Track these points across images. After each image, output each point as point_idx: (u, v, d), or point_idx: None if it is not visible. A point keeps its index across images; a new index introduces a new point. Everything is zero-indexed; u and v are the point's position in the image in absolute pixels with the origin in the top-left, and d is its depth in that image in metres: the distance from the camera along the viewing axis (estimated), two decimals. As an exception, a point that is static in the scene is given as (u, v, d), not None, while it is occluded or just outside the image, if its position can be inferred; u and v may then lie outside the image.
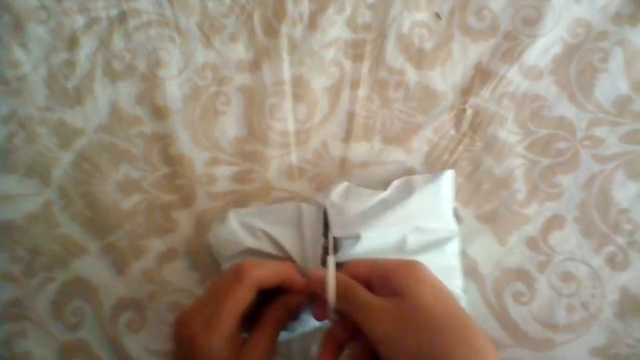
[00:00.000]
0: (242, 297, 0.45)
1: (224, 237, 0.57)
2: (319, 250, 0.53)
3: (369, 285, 0.44)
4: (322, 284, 0.45)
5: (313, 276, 0.47)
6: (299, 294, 0.50)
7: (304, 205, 0.57)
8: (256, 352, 0.46)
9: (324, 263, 0.52)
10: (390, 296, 0.42)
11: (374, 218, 0.54)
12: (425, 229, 0.53)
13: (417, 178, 0.57)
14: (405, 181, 0.57)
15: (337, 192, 0.57)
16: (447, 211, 0.56)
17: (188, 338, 0.44)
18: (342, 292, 0.44)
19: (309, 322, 0.53)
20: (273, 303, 0.49)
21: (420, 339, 0.39)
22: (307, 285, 0.49)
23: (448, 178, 0.57)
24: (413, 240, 0.53)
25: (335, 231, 0.54)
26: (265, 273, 0.47)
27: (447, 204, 0.56)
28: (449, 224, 0.55)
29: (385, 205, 0.55)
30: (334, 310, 0.45)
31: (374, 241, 0.52)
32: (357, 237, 0.52)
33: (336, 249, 0.54)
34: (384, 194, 0.56)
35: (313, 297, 0.51)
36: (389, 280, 0.43)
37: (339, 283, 0.45)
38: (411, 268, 0.43)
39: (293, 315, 0.52)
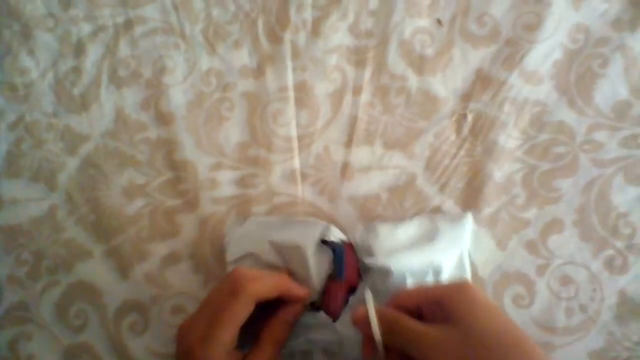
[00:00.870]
0: (239, 312, 0.45)
1: (237, 239, 0.58)
2: (323, 273, 0.53)
3: (419, 313, 0.44)
4: (365, 322, 0.44)
5: (355, 315, 0.45)
6: (299, 303, 0.49)
7: (309, 223, 0.57)
8: None
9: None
10: (443, 322, 0.41)
11: (401, 255, 0.54)
12: (443, 271, 0.54)
13: (441, 220, 0.58)
14: (428, 220, 0.58)
15: (360, 235, 0.57)
16: (465, 258, 0.56)
17: (186, 351, 0.44)
18: (388, 327, 0.43)
19: (309, 336, 0.54)
20: (272, 318, 0.49)
21: None
22: (306, 294, 0.49)
23: (468, 223, 0.58)
24: (430, 280, 0.54)
25: (365, 261, 0.55)
26: (263, 287, 0.46)
27: (465, 251, 0.57)
28: (463, 272, 0.56)
29: (411, 242, 0.55)
30: (382, 347, 0.44)
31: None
32: (387, 272, 0.53)
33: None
34: (407, 231, 0.57)
35: (314, 306, 0.52)
36: (441, 306, 0.42)
37: (382, 317, 0.44)
38: (463, 291, 0.43)
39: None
